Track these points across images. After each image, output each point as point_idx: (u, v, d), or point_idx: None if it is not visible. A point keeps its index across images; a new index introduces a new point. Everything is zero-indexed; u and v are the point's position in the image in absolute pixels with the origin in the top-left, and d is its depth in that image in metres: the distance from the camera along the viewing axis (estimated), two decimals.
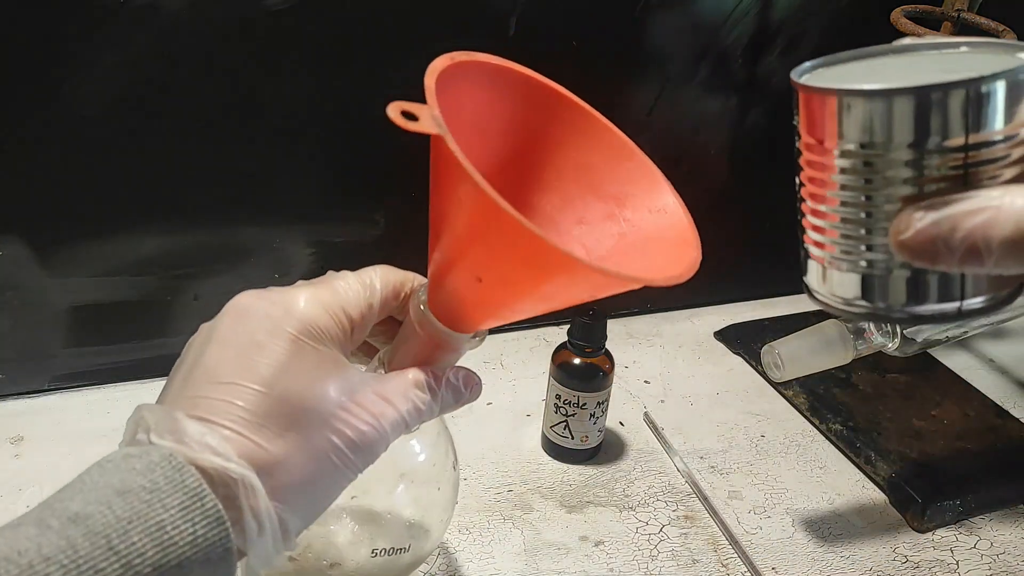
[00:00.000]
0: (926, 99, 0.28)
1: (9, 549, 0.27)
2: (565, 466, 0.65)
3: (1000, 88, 0.28)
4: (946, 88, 0.28)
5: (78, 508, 0.28)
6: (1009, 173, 0.29)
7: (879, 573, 0.57)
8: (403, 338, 0.39)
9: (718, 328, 0.83)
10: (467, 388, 0.39)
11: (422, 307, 0.37)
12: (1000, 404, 0.73)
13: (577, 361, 0.62)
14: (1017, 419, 0.71)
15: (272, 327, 0.33)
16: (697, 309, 0.88)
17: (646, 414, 0.71)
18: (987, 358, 0.83)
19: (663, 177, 0.40)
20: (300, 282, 0.36)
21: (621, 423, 0.70)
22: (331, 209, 0.70)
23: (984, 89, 0.28)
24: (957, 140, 0.29)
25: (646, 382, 0.76)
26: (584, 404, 0.62)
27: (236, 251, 0.68)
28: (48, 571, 0.26)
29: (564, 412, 0.63)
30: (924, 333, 0.59)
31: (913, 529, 0.61)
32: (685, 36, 0.73)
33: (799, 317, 0.83)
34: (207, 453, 0.30)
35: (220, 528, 0.30)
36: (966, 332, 0.60)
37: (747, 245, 0.87)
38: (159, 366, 0.70)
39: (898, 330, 0.57)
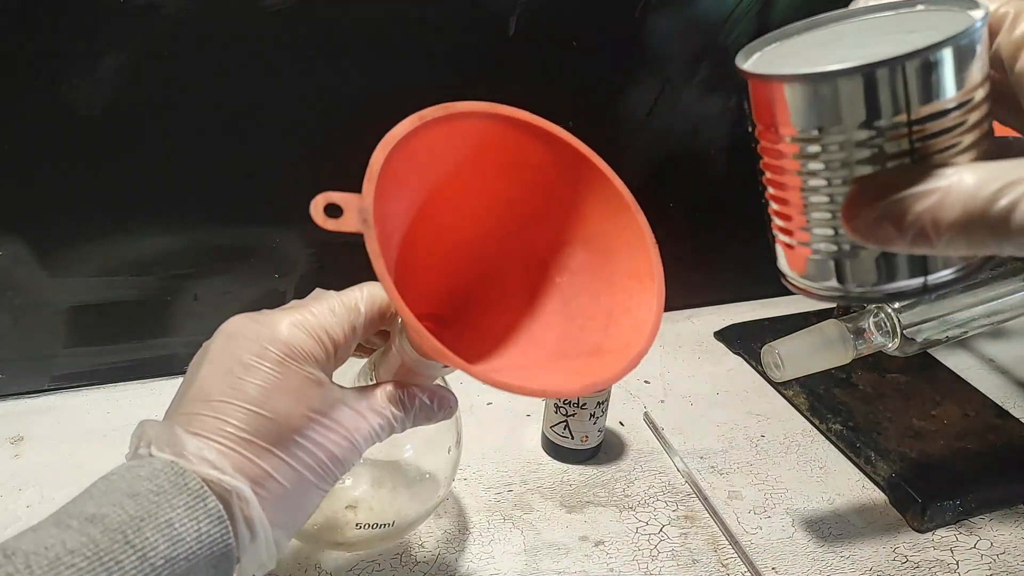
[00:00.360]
0: (871, 77, 0.27)
1: (35, 545, 0.29)
2: (565, 466, 0.65)
3: (947, 56, 0.27)
4: (891, 64, 0.27)
5: (94, 510, 0.31)
6: (968, 139, 0.28)
7: (879, 573, 0.57)
8: (388, 352, 0.41)
9: (718, 328, 0.83)
10: (440, 408, 0.41)
11: (399, 334, 0.40)
12: (1000, 404, 0.73)
13: None
14: (1017, 419, 0.71)
15: (259, 350, 0.36)
16: (697, 309, 0.88)
17: (646, 414, 0.71)
18: (987, 358, 0.83)
19: (651, 242, 0.40)
20: (292, 302, 0.39)
21: (621, 423, 0.70)
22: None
23: (932, 58, 0.27)
24: (907, 115, 0.28)
25: (646, 382, 0.76)
26: (584, 404, 0.62)
27: (236, 251, 0.68)
28: (74, 562, 0.29)
29: (564, 412, 0.63)
30: (924, 333, 0.59)
31: (913, 529, 0.61)
32: (685, 36, 0.73)
33: (799, 317, 0.83)
34: (204, 466, 0.33)
35: (222, 526, 0.33)
36: (966, 332, 0.60)
37: (747, 245, 0.87)
38: (159, 366, 0.70)
39: (898, 330, 0.57)
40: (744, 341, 0.80)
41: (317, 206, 0.32)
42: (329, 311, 0.38)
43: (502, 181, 0.38)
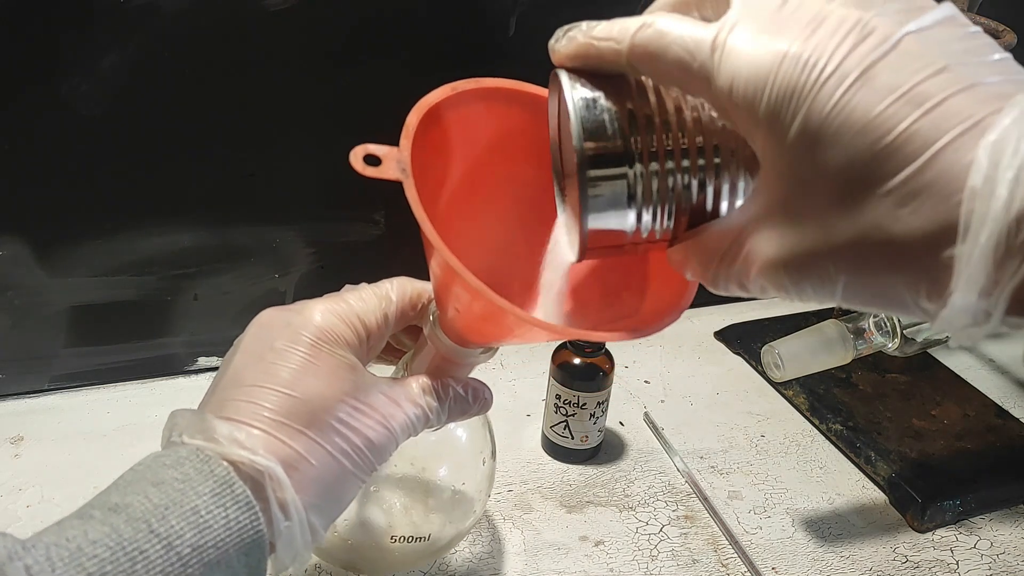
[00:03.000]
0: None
1: (57, 537, 0.29)
2: (565, 466, 0.65)
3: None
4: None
5: (117, 500, 0.30)
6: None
7: (879, 573, 0.57)
8: (420, 347, 0.41)
9: (718, 328, 0.83)
10: (475, 401, 0.41)
11: (432, 322, 0.40)
12: (1000, 404, 0.73)
13: (577, 361, 0.62)
14: (1017, 419, 0.71)
15: (291, 335, 0.35)
16: (697, 309, 0.88)
17: (646, 414, 0.71)
18: (987, 358, 0.83)
19: None
20: (320, 297, 0.39)
21: (621, 423, 0.70)
22: (331, 209, 0.70)
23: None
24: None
25: (646, 382, 0.76)
26: (584, 404, 0.62)
27: (236, 251, 0.68)
28: (96, 552, 0.28)
29: (564, 412, 0.63)
30: (924, 333, 0.59)
31: (913, 529, 0.61)
32: None
33: (799, 317, 0.83)
34: (235, 447, 0.32)
35: (251, 512, 0.32)
36: None
37: None
38: (159, 366, 0.70)
39: (898, 330, 0.57)
40: (744, 341, 0.80)
41: (356, 156, 0.32)
42: (360, 299, 0.38)
43: (529, 164, 0.38)
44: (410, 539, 0.50)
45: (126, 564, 0.29)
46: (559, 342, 0.64)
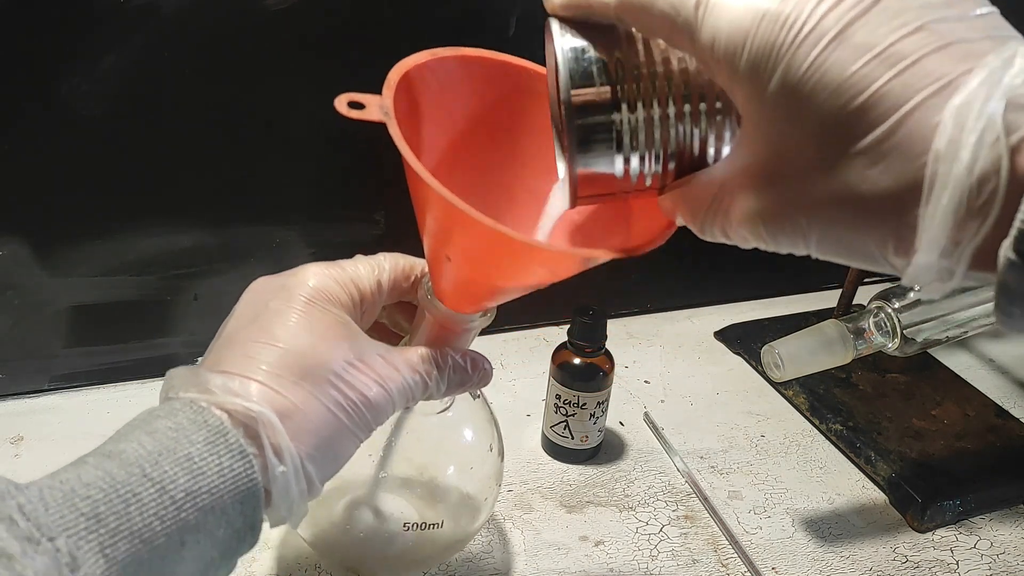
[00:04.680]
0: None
1: (51, 480, 0.29)
2: (565, 466, 0.65)
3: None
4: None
5: (110, 448, 0.31)
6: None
7: (879, 573, 0.57)
8: (417, 324, 0.41)
9: (718, 328, 0.83)
10: (474, 371, 0.41)
11: (427, 290, 0.40)
12: (1000, 404, 0.73)
13: (577, 361, 0.62)
14: (1017, 419, 0.71)
15: (286, 295, 0.36)
16: (697, 309, 0.88)
17: (646, 414, 0.71)
18: (987, 358, 0.83)
19: None
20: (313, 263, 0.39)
21: (621, 423, 0.70)
22: (331, 209, 0.70)
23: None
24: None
25: (646, 382, 0.76)
26: (584, 404, 0.62)
27: (236, 251, 0.68)
28: (89, 494, 0.28)
29: (564, 412, 0.63)
30: (924, 333, 0.59)
31: (913, 529, 0.61)
32: None
33: (799, 317, 0.83)
34: (229, 396, 0.32)
35: (244, 460, 0.32)
36: (966, 332, 0.60)
37: None
38: (159, 366, 0.70)
39: (898, 330, 0.58)
40: (744, 341, 0.80)
41: (341, 101, 0.33)
42: (354, 265, 0.39)
43: (512, 133, 0.39)
44: (423, 526, 0.50)
45: (119, 505, 0.28)
46: (559, 343, 0.64)
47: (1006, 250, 0.22)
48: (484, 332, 0.42)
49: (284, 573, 0.53)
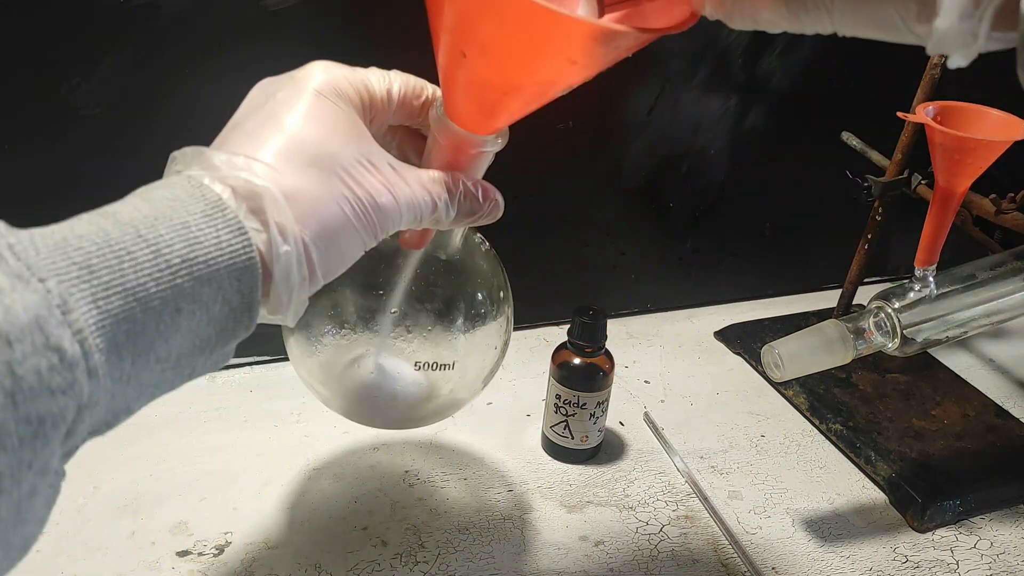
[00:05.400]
0: None
1: (43, 229, 0.27)
2: (565, 466, 0.65)
3: None
4: None
5: (105, 208, 0.29)
6: None
7: (879, 573, 0.57)
8: (428, 152, 0.40)
9: (718, 328, 0.83)
10: (485, 200, 0.39)
11: (439, 112, 0.38)
12: (1000, 404, 0.73)
13: (577, 361, 0.62)
14: (1017, 419, 0.71)
15: (294, 86, 0.34)
16: (697, 309, 0.88)
17: (646, 414, 0.71)
18: (987, 358, 0.83)
19: None
20: None
21: (621, 423, 0.70)
22: None
23: None
24: None
25: (646, 382, 0.76)
26: (584, 404, 0.62)
27: None
28: (82, 245, 0.27)
29: (564, 412, 0.63)
30: (924, 333, 0.59)
31: (913, 529, 0.61)
32: (685, 36, 0.73)
33: (799, 317, 0.83)
34: (233, 171, 0.31)
35: (242, 237, 0.30)
36: (966, 332, 0.60)
37: (747, 245, 0.87)
38: None
39: (898, 330, 0.57)
40: (744, 341, 0.80)
41: None
42: (365, 69, 0.37)
43: None
44: (434, 366, 0.49)
45: (112, 260, 0.27)
46: (559, 343, 0.64)
47: None
48: None
49: (284, 573, 0.53)
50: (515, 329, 0.80)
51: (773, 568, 0.57)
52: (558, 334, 0.81)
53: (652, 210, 0.82)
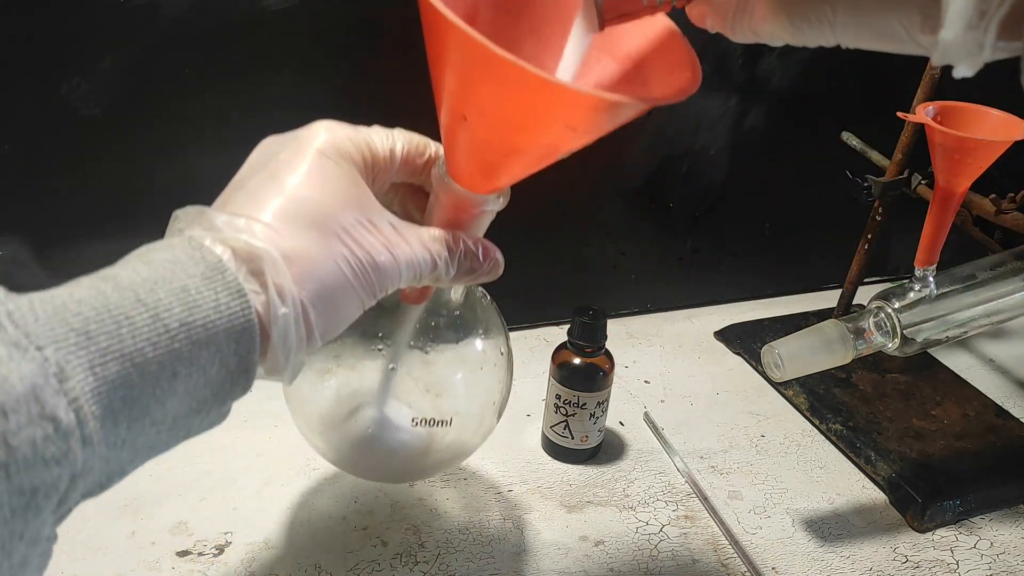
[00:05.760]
0: None
1: (43, 294, 0.28)
2: (565, 466, 0.65)
3: None
4: None
5: (105, 271, 0.29)
6: None
7: (879, 573, 0.57)
8: (429, 210, 0.40)
9: (718, 328, 0.83)
10: (485, 259, 0.40)
11: (441, 171, 0.39)
12: (1000, 404, 0.73)
13: (577, 361, 0.62)
14: (1017, 419, 0.71)
15: (298, 146, 0.35)
16: (697, 309, 0.88)
17: (646, 414, 0.71)
18: (987, 358, 0.83)
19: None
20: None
21: (621, 423, 0.70)
22: None
23: None
24: None
25: (646, 382, 0.76)
26: (584, 404, 0.62)
27: None
28: (81, 311, 0.27)
29: (564, 412, 0.63)
30: (924, 333, 0.59)
31: (913, 529, 0.61)
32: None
33: (799, 317, 0.83)
34: (234, 232, 0.31)
35: (241, 299, 0.30)
36: (966, 332, 0.60)
37: (747, 245, 0.87)
38: None
39: (898, 330, 0.57)
40: (744, 341, 0.80)
41: None
42: (368, 128, 0.38)
43: (527, 4, 0.38)
44: (431, 422, 0.49)
45: (111, 325, 0.27)
46: (559, 343, 0.64)
47: None
48: None
49: (284, 573, 0.53)
50: (515, 329, 0.81)
51: (773, 568, 0.57)
52: (558, 334, 0.81)
53: (652, 210, 0.82)
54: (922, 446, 0.66)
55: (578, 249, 0.81)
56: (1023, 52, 0.23)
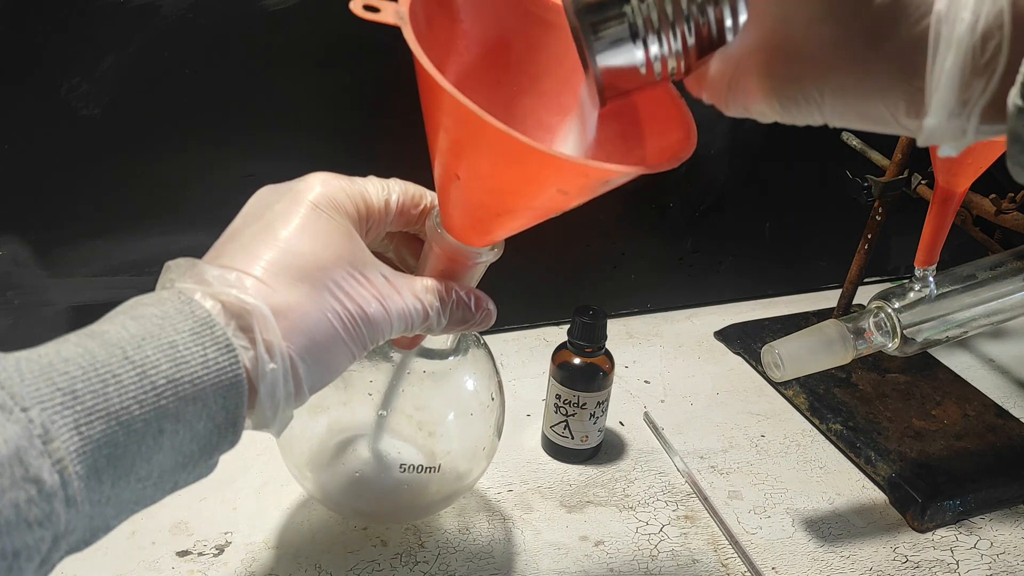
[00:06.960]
0: None
1: (30, 353, 0.28)
2: (565, 466, 0.65)
3: None
4: None
5: (93, 328, 0.29)
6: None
7: (879, 573, 0.57)
8: (424, 258, 0.41)
9: (718, 328, 0.83)
10: (477, 310, 0.40)
11: (435, 222, 0.39)
12: (1000, 404, 0.73)
13: (577, 361, 0.62)
14: (1017, 419, 0.71)
15: (292, 198, 0.35)
16: (697, 309, 0.88)
17: (646, 414, 0.71)
18: (987, 358, 0.83)
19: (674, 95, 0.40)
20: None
21: (621, 423, 0.70)
22: None
23: None
24: None
25: (646, 382, 0.76)
26: (584, 404, 0.62)
27: None
28: (68, 369, 0.27)
29: (564, 412, 0.63)
30: (924, 333, 0.59)
31: (913, 529, 0.61)
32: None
33: (799, 317, 0.83)
34: (224, 287, 0.31)
35: (230, 355, 0.30)
36: (966, 332, 0.60)
37: (747, 245, 0.87)
38: None
39: (898, 330, 0.57)
40: (744, 341, 0.80)
41: (356, 4, 0.33)
42: (363, 180, 0.38)
43: (523, 62, 0.39)
44: (420, 469, 0.49)
45: (98, 384, 0.27)
46: (559, 343, 0.64)
47: (1014, 97, 0.23)
48: (484, 333, 0.42)
49: (284, 573, 0.53)
50: (515, 329, 0.81)
51: (773, 568, 0.57)
52: (558, 334, 0.81)
53: (652, 210, 0.82)
54: (922, 446, 0.66)
55: (578, 249, 0.81)
56: (1007, 139, 0.24)
